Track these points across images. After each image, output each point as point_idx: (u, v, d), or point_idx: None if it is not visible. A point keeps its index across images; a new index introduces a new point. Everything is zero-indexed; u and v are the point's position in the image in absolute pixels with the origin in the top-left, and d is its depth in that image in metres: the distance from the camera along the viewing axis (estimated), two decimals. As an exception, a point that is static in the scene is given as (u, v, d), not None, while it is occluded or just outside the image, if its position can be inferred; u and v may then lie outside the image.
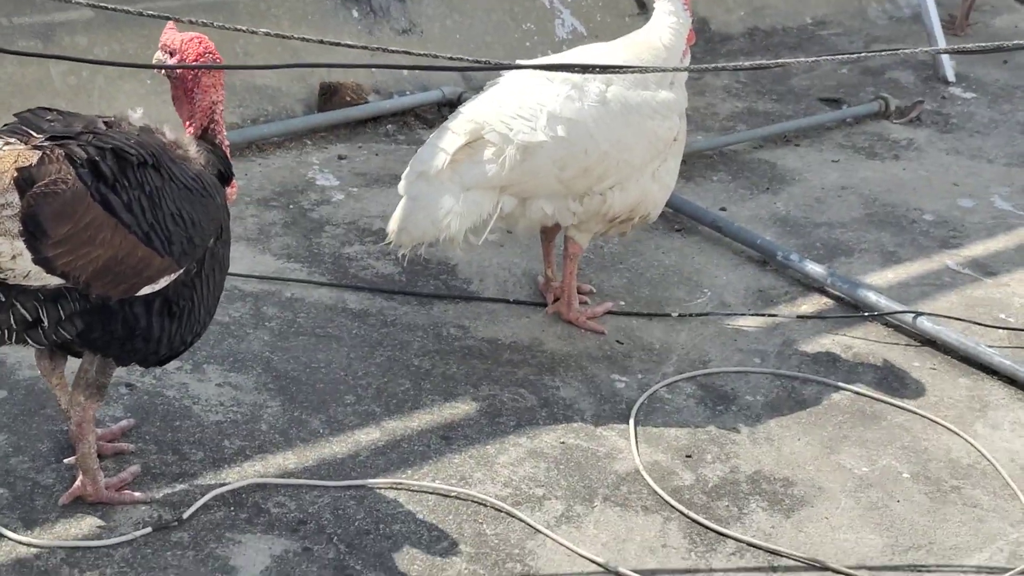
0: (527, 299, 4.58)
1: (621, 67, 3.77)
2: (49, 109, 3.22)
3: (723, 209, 5.36)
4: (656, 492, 3.73)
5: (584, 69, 3.79)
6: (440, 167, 4.03)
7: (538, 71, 4.06)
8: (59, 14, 5.27)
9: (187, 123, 3.39)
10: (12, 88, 4.95)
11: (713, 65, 4.19)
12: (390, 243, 4.12)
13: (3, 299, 3.01)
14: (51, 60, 5.14)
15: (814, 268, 4.85)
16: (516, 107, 4.07)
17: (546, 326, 4.43)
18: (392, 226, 4.08)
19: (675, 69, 3.96)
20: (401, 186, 4.11)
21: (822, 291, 4.81)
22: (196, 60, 3.37)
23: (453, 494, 3.62)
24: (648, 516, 3.65)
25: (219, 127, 3.41)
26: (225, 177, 3.40)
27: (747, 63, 4.29)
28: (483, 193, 4.06)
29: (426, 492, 3.61)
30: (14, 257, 2.96)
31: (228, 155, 3.43)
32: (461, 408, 3.98)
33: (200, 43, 3.38)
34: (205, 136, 3.39)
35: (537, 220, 4.22)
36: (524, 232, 4.39)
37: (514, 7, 6.54)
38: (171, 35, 3.40)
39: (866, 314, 4.66)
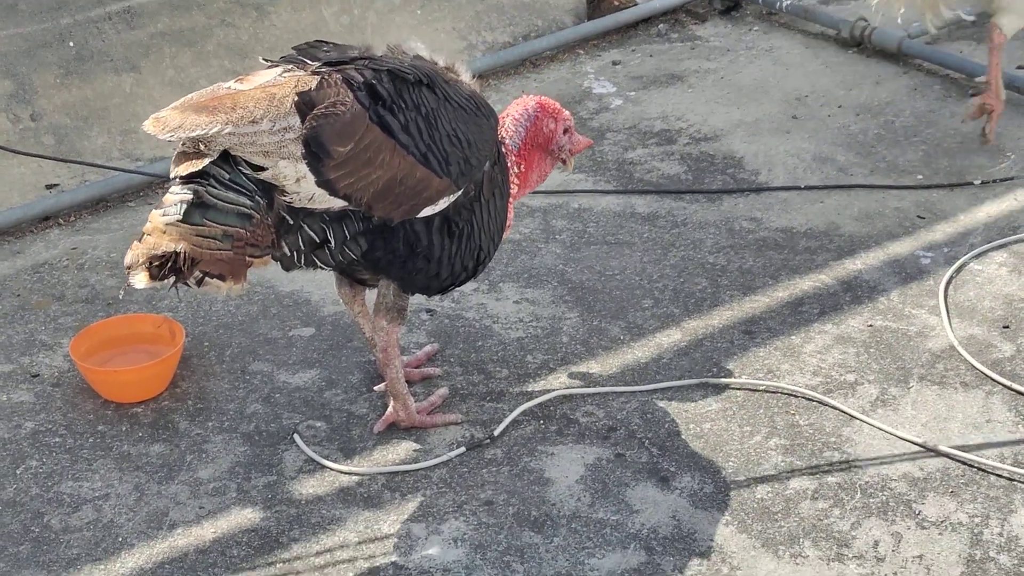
0: (819, 183, 4.44)
1: None
2: (324, 42, 3.27)
3: (1020, 68, 5.08)
4: (975, 367, 3.57)
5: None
6: None
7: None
8: (326, -44, 5.35)
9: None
10: (289, 34, 5.06)
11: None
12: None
13: (291, 222, 3.07)
14: (324, 2, 5.22)
15: None
16: None
17: (841, 209, 4.29)
18: None
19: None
20: None
21: None
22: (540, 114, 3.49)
23: (762, 388, 3.55)
24: (968, 392, 3.50)
25: (518, 174, 3.46)
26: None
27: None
28: None
29: (734, 388, 3.55)
30: (298, 180, 3.01)
31: (510, 185, 3.44)
32: (761, 301, 3.89)
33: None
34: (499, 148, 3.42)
35: None
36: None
37: None
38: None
39: None
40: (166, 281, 2.98)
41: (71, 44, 4.79)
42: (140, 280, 2.98)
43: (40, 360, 3.75)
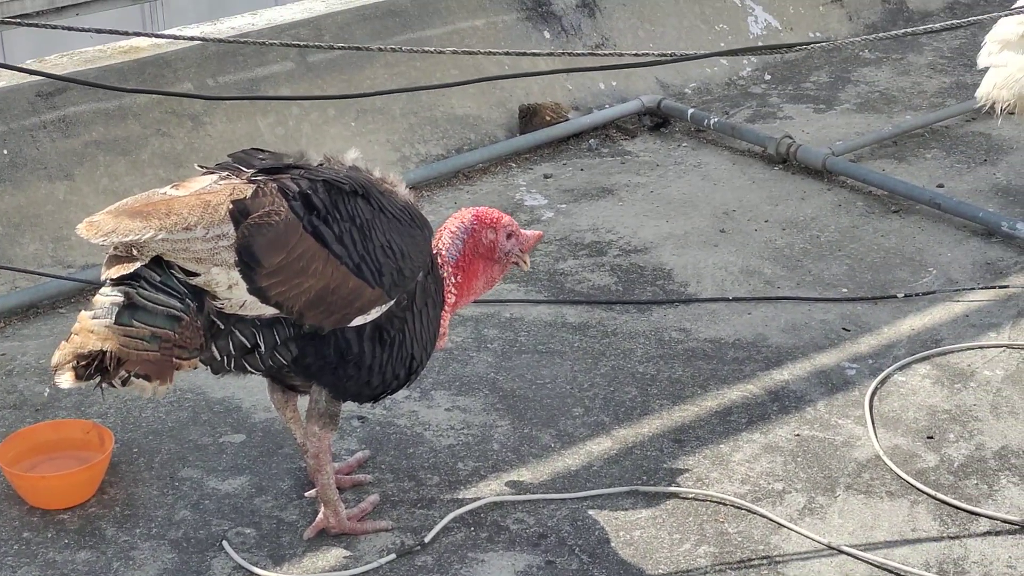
0: (746, 295, 4.51)
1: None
2: (260, 149, 3.31)
3: (940, 186, 5.21)
4: (900, 476, 3.62)
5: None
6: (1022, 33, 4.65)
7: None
8: (261, 69, 5.41)
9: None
10: (223, 144, 5.09)
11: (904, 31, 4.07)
12: (981, 106, 4.80)
13: (222, 327, 3.09)
14: (259, 113, 5.28)
15: (1043, 234, 4.70)
16: None
17: (768, 321, 4.36)
18: (985, 90, 4.73)
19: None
20: (983, 60, 4.78)
21: (1054, 257, 4.64)
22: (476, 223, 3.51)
23: (691, 496, 3.57)
24: (894, 501, 3.54)
25: (456, 284, 3.47)
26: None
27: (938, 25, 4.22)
28: None
29: (664, 496, 3.58)
30: (230, 287, 3.03)
31: (446, 297, 3.45)
32: (691, 410, 3.93)
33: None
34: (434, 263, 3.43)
35: None
36: None
37: (705, 9, 6.49)
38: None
39: (1104, 276, 4.48)
40: (91, 381, 2.99)
41: (5, 152, 4.80)
42: (66, 380, 2.99)
43: (-34, 466, 3.71)
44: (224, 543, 3.41)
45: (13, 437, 3.67)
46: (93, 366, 2.96)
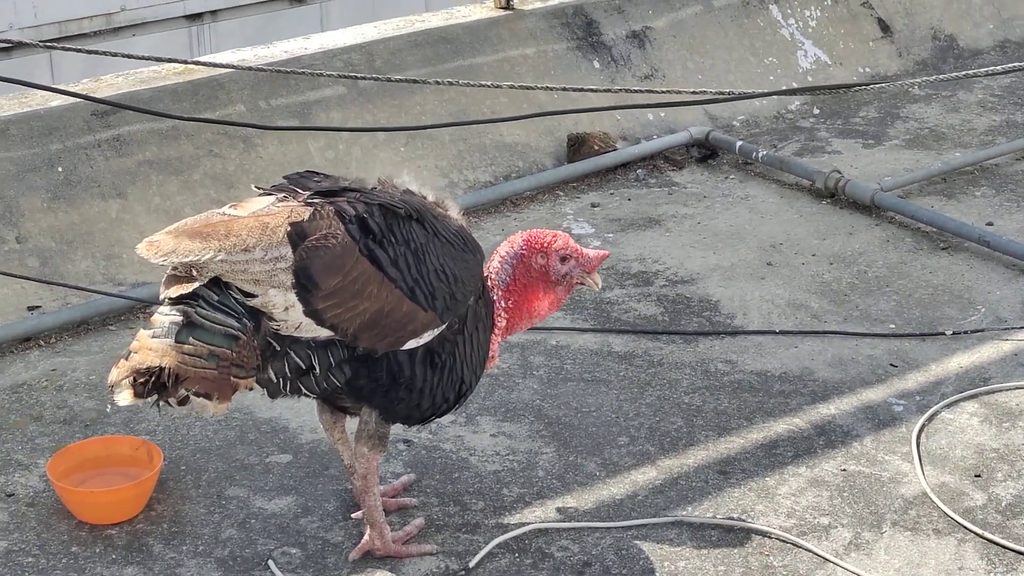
0: (793, 329, 4.50)
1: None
2: (315, 172, 3.34)
3: (990, 224, 5.19)
4: (947, 514, 3.61)
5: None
6: None
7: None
8: (313, 93, 5.45)
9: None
10: (275, 166, 5.14)
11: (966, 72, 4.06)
12: None
13: (278, 349, 3.11)
14: (310, 137, 5.31)
15: (1094, 275, 4.68)
16: None
17: (815, 355, 4.35)
18: None
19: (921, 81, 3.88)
20: None
21: (1104, 298, 4.62)
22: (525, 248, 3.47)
23: (736, 528, 3.57)
24: (941, 539, 3.53)
25: (506, 308, 3.46)
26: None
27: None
28: None
29: (708, 528, 3.57)
30: (287, 309, 3.06)
31: (496, 319, 3.44)
32: (736, 442, 3.93)
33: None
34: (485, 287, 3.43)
35: None
36: None
37: (755, 43, 6.50)
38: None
39: None
40: (149, 399, 3.02)
41: (60, 169, 4.85)
42: (124, 397, 3.02)
43: (15, 480, 3.74)
44: (270, 562, 3.43)
45: (63, 452, 3.70)
46: (151, 383, 2.99)
